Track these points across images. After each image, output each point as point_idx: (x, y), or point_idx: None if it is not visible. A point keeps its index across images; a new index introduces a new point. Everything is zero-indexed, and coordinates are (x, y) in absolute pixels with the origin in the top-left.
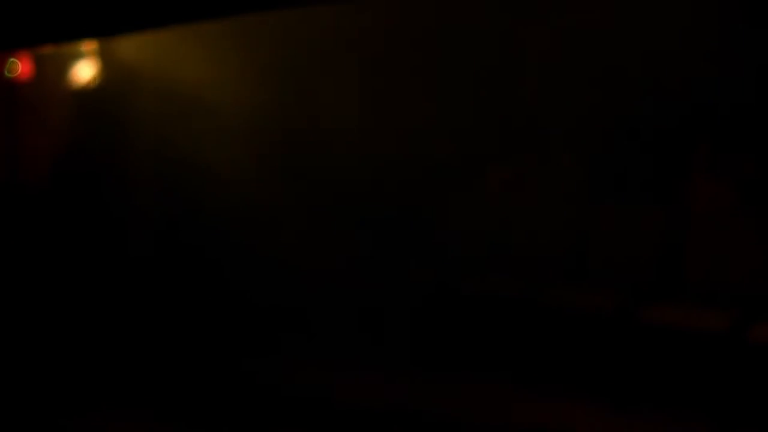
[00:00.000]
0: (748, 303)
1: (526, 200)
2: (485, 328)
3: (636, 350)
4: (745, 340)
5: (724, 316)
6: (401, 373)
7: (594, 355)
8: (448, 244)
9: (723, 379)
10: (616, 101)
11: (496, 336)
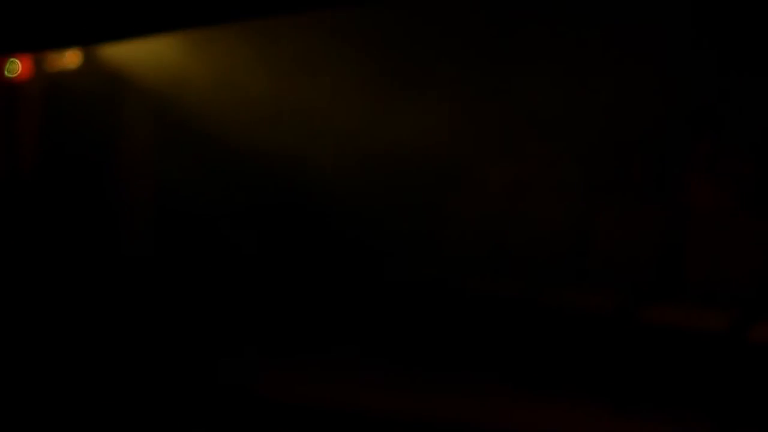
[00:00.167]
0: (748, 303)
1: (526, 200)
2: (485, 328)
3: (636, 350)
4: (745, 340)
5: (724, 316)
6: (401, 373)
7: (594, 356)
8: (448, 244)
9: (723, 379)
10: (616, 101)
11: (497, 336)
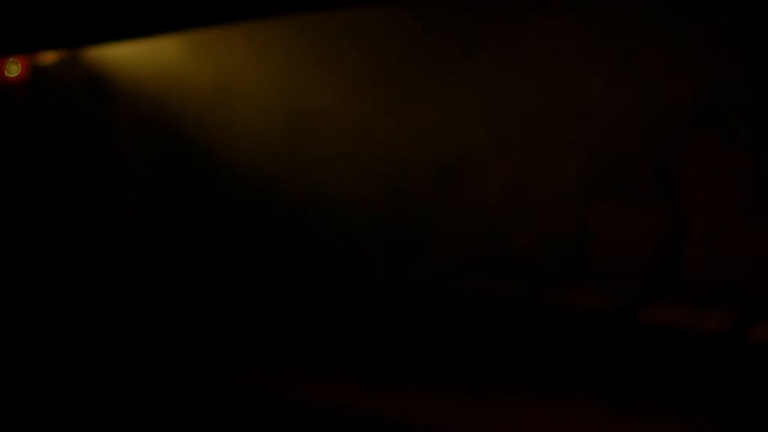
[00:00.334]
0: (748, 303)
1: (526, 200)
2: (485, 328)
3: (636, 350)
4: (745, 340)
5: (724, 316)
6: (401, 372)
7: (594, 356)
8: (449, 244)
9: (723, 380)
10: (617, 101)
11: (496, 336)
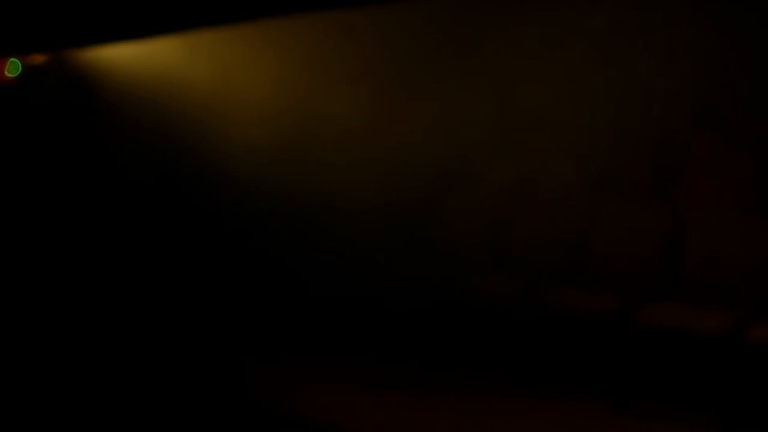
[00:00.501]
0: (748, 303)
1: (526, 200)
2: (485, 328)
3: (636, 350)
4: (745, 340)
5: (724, 316)
6: (401, 372)
7: (594, 356)
8: (448, 244)
9: (723, 380)
10: (617, 100)
11: (496, 336)
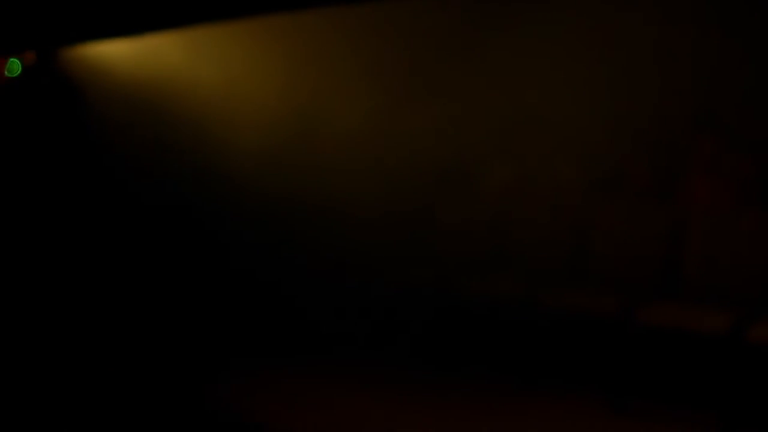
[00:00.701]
0: (748, 303)
1: (526, 200)
2: (486, 328)
3: (636, 350)
4: (745, 340)
5: (724, 316)
6: (399, 372)
7: (594, 356)
8: (449, 244)
9: (723, 379)
10: (617, 100)
11: (497, 336)
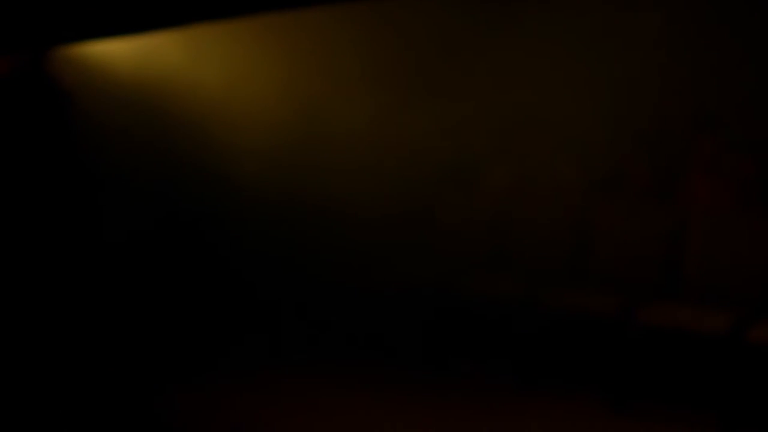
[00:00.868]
0: (748, 303)
1: (526, 200)
2: (485, 328)
3: (636, 350)
4: (745, 340)
5: (724, 316)
6: (400, 372)
7: (594, 356)
8: (449, 244)
9: (723, 380)
10: (617, 100)
11: (497, 336)
